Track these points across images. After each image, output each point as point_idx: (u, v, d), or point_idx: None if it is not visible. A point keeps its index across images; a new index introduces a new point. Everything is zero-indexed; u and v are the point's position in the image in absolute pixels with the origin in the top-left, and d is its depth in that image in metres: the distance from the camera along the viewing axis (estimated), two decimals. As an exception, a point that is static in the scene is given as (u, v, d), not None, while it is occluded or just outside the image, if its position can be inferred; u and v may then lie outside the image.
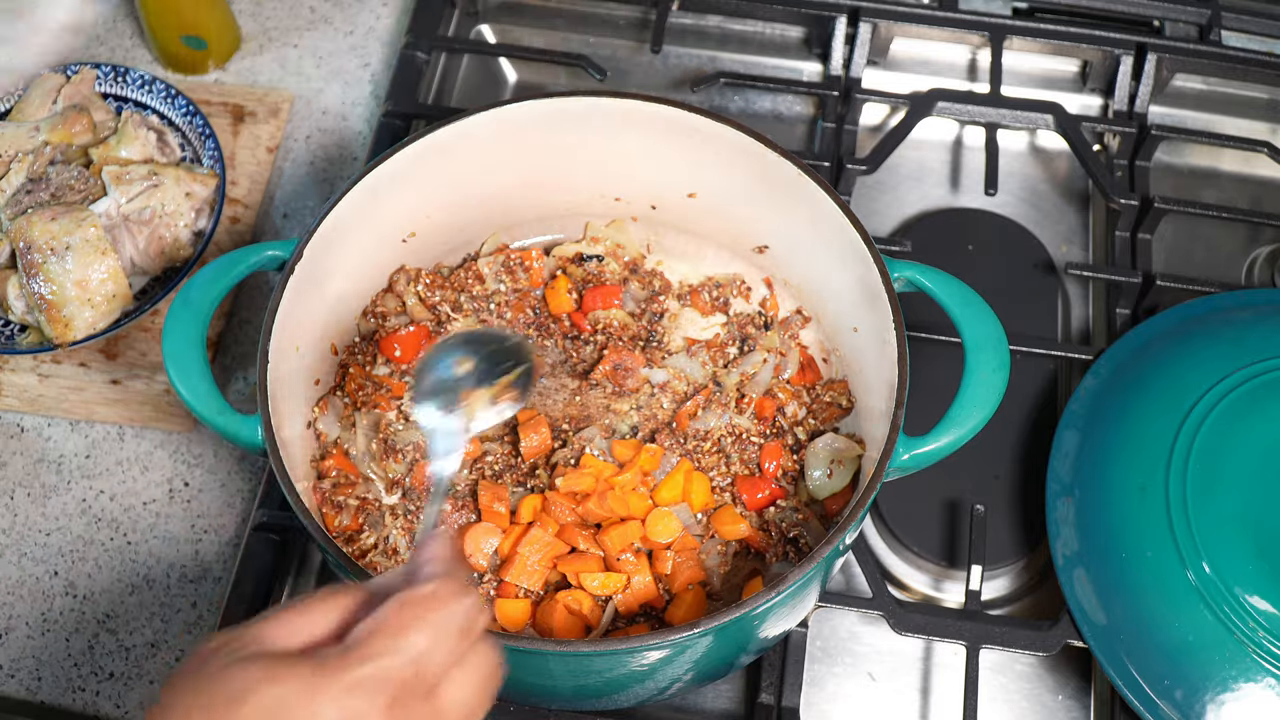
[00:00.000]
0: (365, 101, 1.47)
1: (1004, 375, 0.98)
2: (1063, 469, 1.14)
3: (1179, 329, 1.21)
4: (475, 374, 0.92)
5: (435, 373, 0.92)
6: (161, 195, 1.26)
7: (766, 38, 1.50)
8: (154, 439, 1.26)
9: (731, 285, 1.20)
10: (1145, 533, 1.06)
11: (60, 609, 1.17)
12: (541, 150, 1.15)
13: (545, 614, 1.02)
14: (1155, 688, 1.03)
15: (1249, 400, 1.10)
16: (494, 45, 1.53)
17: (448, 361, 0.92)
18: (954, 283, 1.03)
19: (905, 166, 1.43)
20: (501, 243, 1.22)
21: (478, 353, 0.93)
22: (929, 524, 1.20)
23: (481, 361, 0.93)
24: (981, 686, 1.12)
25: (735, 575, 1.06)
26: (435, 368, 0.92)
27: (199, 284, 1.02)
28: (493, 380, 0.92)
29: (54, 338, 1.20)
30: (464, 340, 0.95)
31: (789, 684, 1.08)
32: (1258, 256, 1.38)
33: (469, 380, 0.92)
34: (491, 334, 0.96)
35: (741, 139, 1.09)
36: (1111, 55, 1.42)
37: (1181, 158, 1.45)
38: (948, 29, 1.43)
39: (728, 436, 1.11)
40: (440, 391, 0.91)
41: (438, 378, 0.92)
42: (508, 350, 0.94)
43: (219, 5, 1.44)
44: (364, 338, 1.17)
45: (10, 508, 1.22)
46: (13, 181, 1.26)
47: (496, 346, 0.94)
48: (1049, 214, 1.41)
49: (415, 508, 1.08)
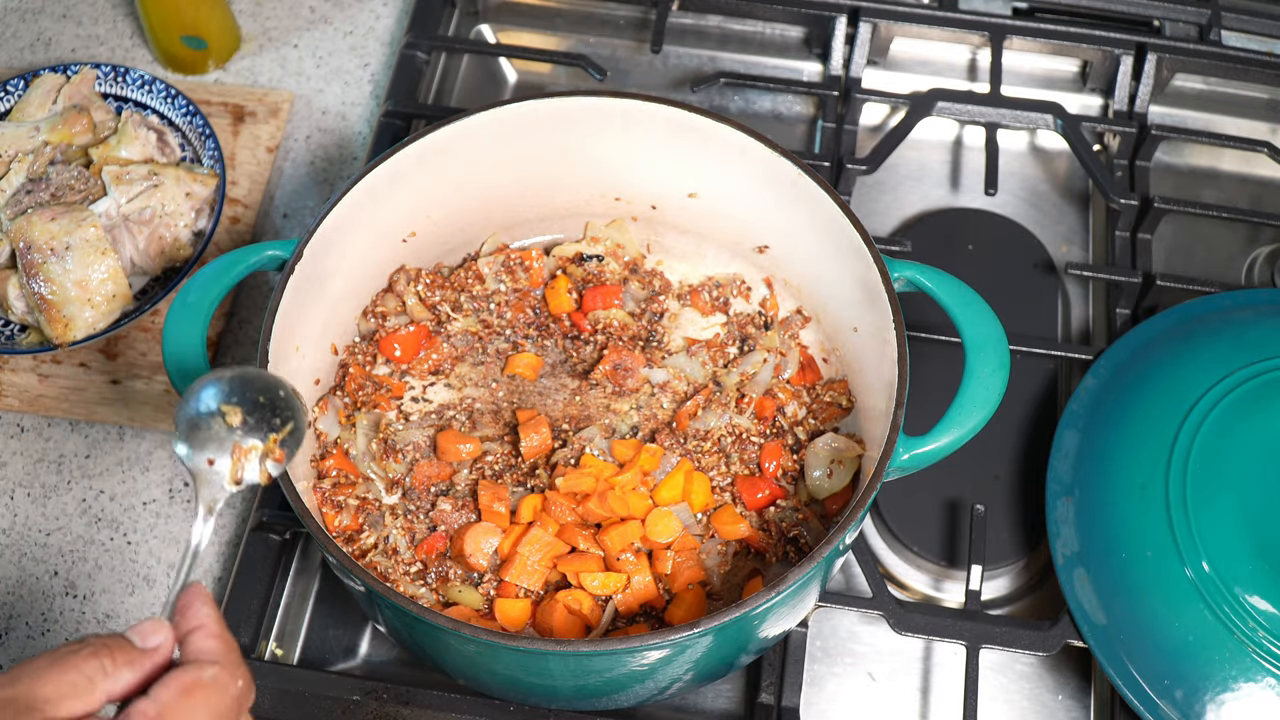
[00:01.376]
0: (365, 101, 1.47)
1: (1004, 375, 0.98)
2: (1063, 469, 1.14)
3: (1179, 329, 1.21)
4: (245, 426, 0.86)
5: (206, 416, 0.85)
6: (161, 195, 1.26)
7: (766, 38, 1.50)
8: (154, 439, 1.26)
9: (731, 285, 1.20)
10: (1145, 532, 1.06)
11: (60, 609, 1.17)
12: (541, 150, 1.15)
13: (545, 614, 1.02)
14: (1155, 688, 1.03)
15: (1249, 400, 1.10)
16: (494, 45, 1.53)
17: (216, 405, 0.86)
18: (954, 283, 1.03)
19: (905, 166, 1.43)
20: (501, 243, 1.22)
21: (248, 399, 0.87)
22: (929, 524, 1.20)
23: (252, 411, 0.87)
24: (981, 686, 1.12)
25: (735, 575, 1.06)
26: (205, 410, 0.86)
27: (199, 284, 1.02)
28: (264, 435, 0.87)
29: (54, 338, 1.20)
30: (238, 383, 0.88)
31: (789, 684, 1.08)
32: (1258, 256, 1.38)
33: (239, 432, 0.86)
34: (264, 381, 0.88)
35: (741, 139, 1.09)
36: (1111, 55, 1.42)
37: (1181, 158, 1.45)
38: (948, 29, 1.43)
39: (728, 436, 1.11)
40: (210, 439, 0.85)
41: (209, 422, 0.85)
42: (279, 403, 0.88)
43: (219, 5, 1.44)
44: (364, 338, 1.17)
45: (10, 508, 1.22)
46: (13, 181, 1.26)
47: (268, 397, 0.88)
48: (1049, 214, 1.41)
49: (415, 507, 1.08)
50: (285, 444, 0.88)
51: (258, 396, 0.87)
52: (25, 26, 1.52)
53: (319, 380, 1.12)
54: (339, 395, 1.13)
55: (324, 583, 1.19)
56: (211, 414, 0.86)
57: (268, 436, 0.87)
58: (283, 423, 0.88)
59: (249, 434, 0.86)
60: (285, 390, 0.89)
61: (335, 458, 1.09)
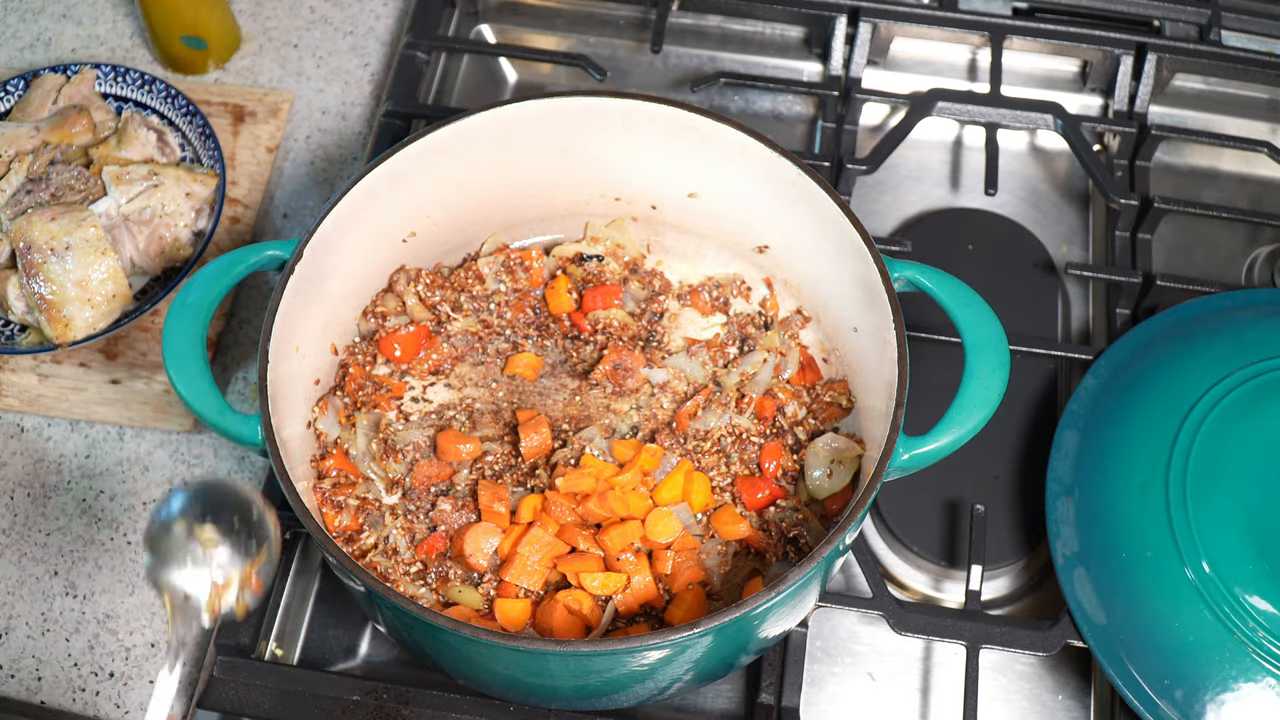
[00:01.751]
0: (365, 101, 1.47)
1: (1004, 375, 0.98)
2: (1063, 469, 1.14)
3: (1179, 329, 1.21)
4: (220, 551, 0.84)
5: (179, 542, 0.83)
6: (161, 195, 1.26)
7: (766, 38, 1.50)
8: (154, 439, 1.26)
9: (731, 285, 1.20)
10: (1145, 532, 1.06)
11: (60, 609, 1.17)
12: (541, 150, 1.15)
13: (545, 614, 1.02)
14: (1155, 688, 1.03)
15: (1249, 400, 1.10)
16: (494, 45, 1.53)
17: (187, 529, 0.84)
18: (954, 283, 1.03)
19: (905, 166, 1.43)
20: (501, 243, 1.22)
21: (223, 520, 0.85)
22: (929, 524, 1.20)
23: (227, 534, 0.85)
24: (981, 686, 1.12)
25: (735, 575, 1.06)
26: (178, 534, 0.83)
27: (199, 284, 1.02)
28: (242, 562, 0.85)
29: (54, 338, 1.20)
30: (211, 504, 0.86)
31: (789, 684, 1.08)
32: (1258, 256, 1.38)
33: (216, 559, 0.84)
34: (237, 499, 0.86)
35: (741, 139, 1.09)
36: (1111, 55, 1.42)
37: (1181, 158, 1.45)
38: (948, 29, 1.43)
39: (728, 436, 1.11)
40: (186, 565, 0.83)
41: (183, 549, 0.83)
42: (253, 526, 0.86)
43: (219, 5, 1.44)
44: (364, 338, 1.17)
45: (10, 508, 1.22)
46: (13, 181, 1.26)
47: (242, 518, 0.86)
48: (1049, 214, 1.41)
49: (415, 507, 1.08)
50: (261, 572, 0.86)
51: (232, 518, 0.85)
52: (25, 26, 1.52)
53: (319, 380, 1.12)
54: (339, 395, 1.13)
55: (324, 583, 1.19)
56: (188, 539, 0.84)
57: (244, 563, 0.85)
58: (258, 546, 0.86)
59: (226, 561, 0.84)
60: (258, 510, 0.86)
61: (335, 458, 1.09)
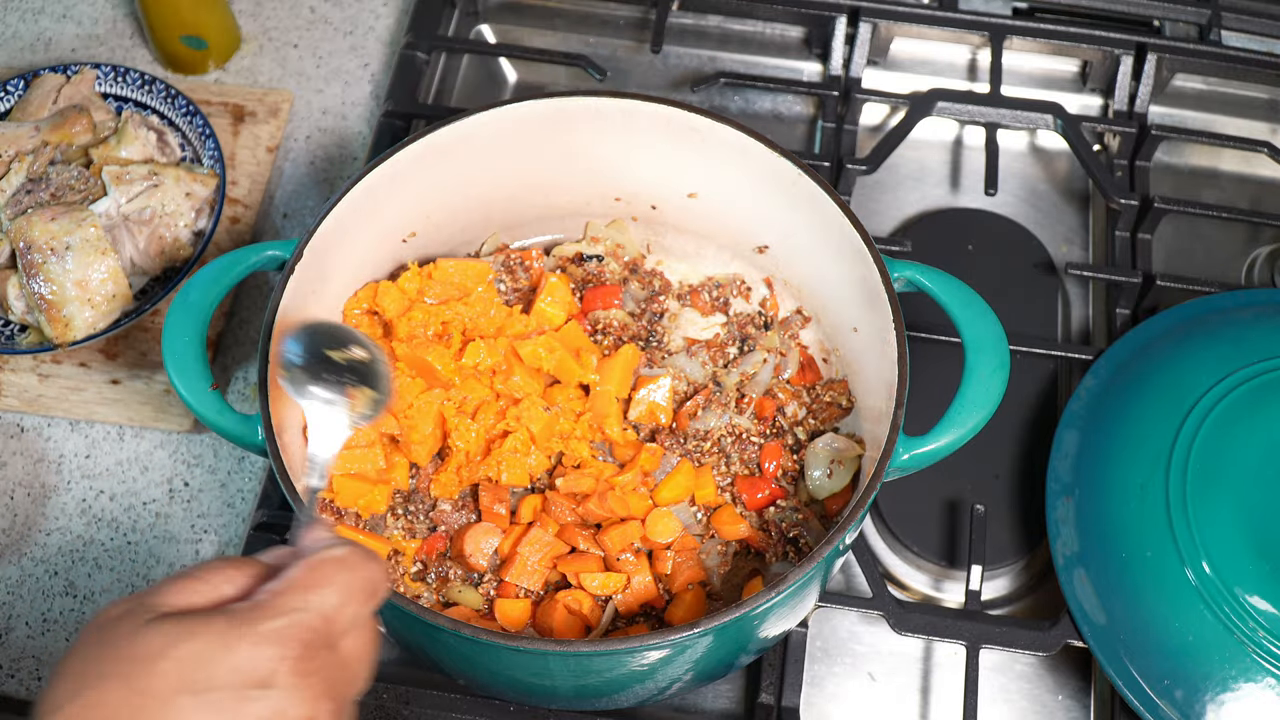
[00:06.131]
0: (365, 101, 1.47)
1: (1004, 375, 0.98)
2: (1063, 469, 1.14)
3: (1179, 329, 1.21)
4: (356, 372, 0.89)
5: (317, 354, 0.88)
6: (161, 195, 1.26)
7: (766, 38, 1.50)
8: (154, 439, 1.26)
9: (731, 285, 1.20)
10: (1145, 533, 1.06)
11: (60, 609, 1.17)
12: (541, 150, 1.15)
13: (545, 614, 1.02)
14: (1155, 688, 1.03)
15: (1249, 400, 1.10)
16: (494, 45, 1.53)
17: (324, 347, 0.88)
18: (954, 283, 1.03)
19: (905, 166, 1.43)
20: (501, 243, 1.22)
21: (349, 349, 0.89)
22: (929, 524, 1.20)
23: (354, 364, 0.89)
24: (981, 686, 1.12)
25: (735, 575, 1.06)
26: (316, 348, 0.88)
27: (199, 284, 1.02)
28: (374, 384, 0.89)
29: (54, 338, 1.20)
30: (338, 334, 0.91)
31: (789, 684, 1.08)
32: (1258, 256, 1.38)
33: (353, 375, 0.89)
34: (359, 339, 0.91)
35: (741, 139, 1.09)
36: (1111, 55, 1.42)
37: (1181, 158, 1.45)
38: (948, 29, 1.43)
39: (728, 436, 1.11)
40: (323, 376, 0.87)
41: (322, 359, 0.88)
42: (372, 370, 0.90)
43: (219, 5, 1.44)
44: (364, 338, 1.17)
45: (10, 508, 1.22)
46: (13, 181, 1.26)
47: (364, 357, 0.90)
48: (1049, 214, 1.41)
49: (415, 508, 1.08)
50: (377, 403, 0.90)
51: (352, 353, 0.90)
52: (25, 26, 1.52)
53: (319, 380, 1.12)
54: (339, 395, 1.13)
55: (324, 583, 1.18)
56: (325, 353, 0.89)
57: (375, 388, 0.90)
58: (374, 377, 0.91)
59: (364, 381, 0.89)
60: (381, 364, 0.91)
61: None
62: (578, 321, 1.16)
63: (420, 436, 1.06)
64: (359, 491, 1.04)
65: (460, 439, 1.06)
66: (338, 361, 0.89)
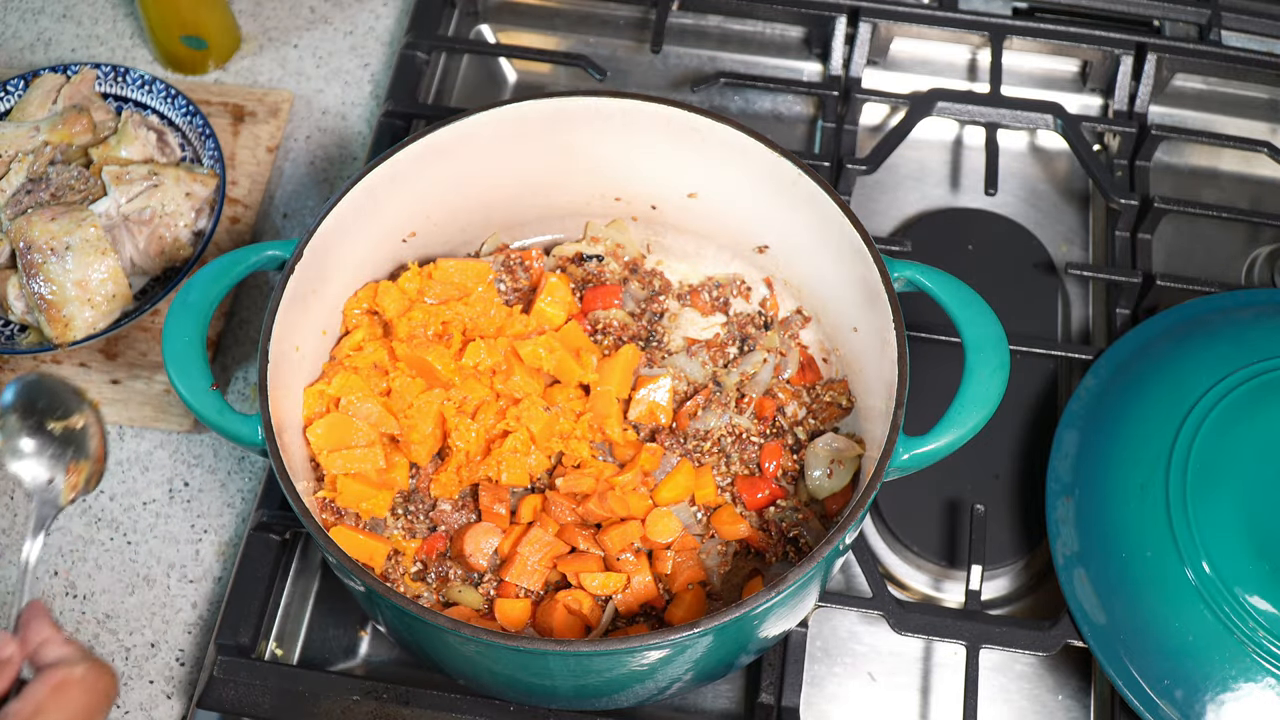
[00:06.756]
0: (365, 101, 1.47)
1: (1004, 375, 0.98)
2: (1063, 469, 1.14)
3: (1179, 329, 1.21)
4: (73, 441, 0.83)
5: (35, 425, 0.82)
6: (161, 195, 1.26)
7: (766, 38, 1.50)
8: (154, 439, 1.26)
9: (731, 285, 1.20)
10: (1145, 532, 1.06)
11: (60, 609, 1.17)
12: (541, 150, 1.15)
13: (545, 614, 1.02)
14: (1155, 688, 1.03)
15: (1249, 400, 1.10)
16: (494, 45, 1.53)
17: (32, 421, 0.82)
18: (954, 283, 1.03)
19: (905, 166, 1.43)
20: (501, 243, 1.22)
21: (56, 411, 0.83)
22: (929, 524, 1.20)
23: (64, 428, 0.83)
24: (981, 686, 1.12)
25: (735, 575, 1.06)
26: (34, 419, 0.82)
27: (199, 284, 1.02)
28: (86, 455, 0.84)
29: (54, 338, 1.20)
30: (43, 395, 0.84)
31: (789, 684, 1.08)
32: (1258, 256, 1.38)
33: (71, 446, 0.83)
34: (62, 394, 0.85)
35: (741, 139, 1.09)
36: (1111, 55, 1.42)
37: (1181, 158, 1.45)
38: (948, 29, 1.43)
39: (728, 436, 1.11)
40: (42, 451, 0.82)
41: (40, 432, 0.82)
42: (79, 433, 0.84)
43: (219, 5, 1.44)
44: (364, 338, 1.17)
45: (10, 508, 1.22)
46: (13, 181, 1.26)
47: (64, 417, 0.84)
48: (1049, 214, 1.41)
49: (415, 508, 1.08)
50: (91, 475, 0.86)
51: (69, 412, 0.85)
52: (25, 26, 1.52)
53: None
54: (339, 395, 1.13)
55: (324, 583, 1.19)
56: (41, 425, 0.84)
57: (91, 450, 0.85)
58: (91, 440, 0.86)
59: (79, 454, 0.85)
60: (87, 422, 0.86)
61: (335, 458, 1.09)
62: (578, 321, 1.16)
63: (420, 436, 1.06)
64: (361, 493, 1.04)
65: (460, 439, 1.06)
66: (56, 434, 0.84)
